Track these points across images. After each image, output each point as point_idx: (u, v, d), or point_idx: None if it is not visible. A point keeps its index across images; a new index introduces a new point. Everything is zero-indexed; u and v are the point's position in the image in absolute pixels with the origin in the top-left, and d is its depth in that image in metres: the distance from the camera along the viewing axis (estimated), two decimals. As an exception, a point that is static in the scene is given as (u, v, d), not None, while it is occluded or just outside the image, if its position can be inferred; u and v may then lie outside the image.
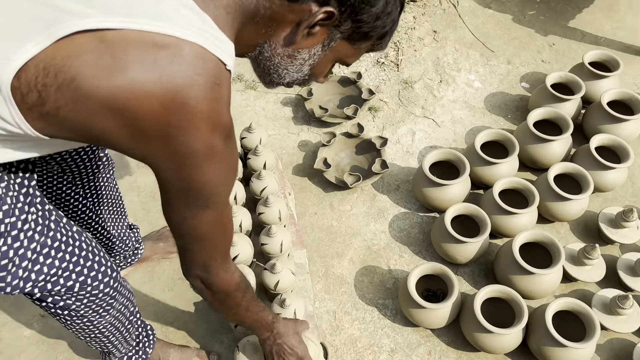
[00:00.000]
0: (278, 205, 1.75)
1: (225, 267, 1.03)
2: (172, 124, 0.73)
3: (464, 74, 2.40)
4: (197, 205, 0.87)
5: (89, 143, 0.94)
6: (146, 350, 1.50)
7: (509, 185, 1.82)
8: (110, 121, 0.72)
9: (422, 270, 1.65)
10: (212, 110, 0.76)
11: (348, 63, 0.98)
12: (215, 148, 0.79)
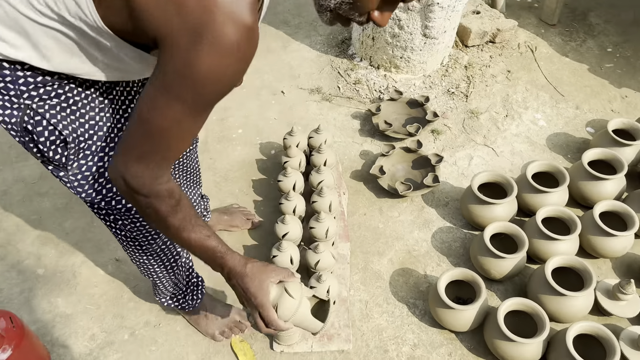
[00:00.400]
0: (330, 197, 1.92)
1: (155, 173, 0.99)
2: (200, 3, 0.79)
3: (531, 112, 2.49)
4: (177, 96, 0.87)
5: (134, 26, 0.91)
6: (194, 297, 1.69)
7: (553, 213, 1.88)
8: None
9: (453, 274, 1.74)
10: (234, 5, 0.80)
11: None
12: (230, 41, 0.81)
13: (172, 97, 0.87)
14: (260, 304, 1.13)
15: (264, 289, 1.13)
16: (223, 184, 2.23)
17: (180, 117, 0.90)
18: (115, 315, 1.82)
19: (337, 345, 1.73)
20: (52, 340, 1.75)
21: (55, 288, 1.90)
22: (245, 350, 1.72)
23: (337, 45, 2.89)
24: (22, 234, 2.06)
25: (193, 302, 1.70)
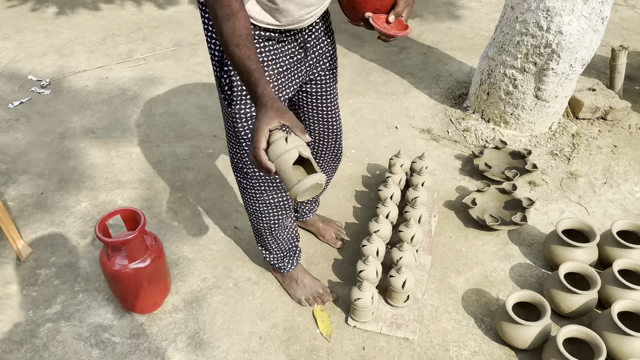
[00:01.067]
0: (421, 211, 2.19)
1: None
2: None
3: (630, 184, 2.59)
4: None
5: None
6: (291, 261, 2.02)
7: (630, 266, 1.97)
8: None
9: (523, 295, 1.90)
10: None
11: None
12: None
13: None
14: (257, 129, 1.14)
15: (269, 121, 1.14)
16: (331, 190, 2.57)
17: None
18: (225, 267, 2.18)
19: (404, 334, 1.93)
20: (174, 274, 2.15)
21: (183, 237, 2.32)
22: (324, 319, 1.98)
23: (454, 98, 3.20)
24: (167, 194, 2.54)
25: (289, 266, 2.02)
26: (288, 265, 2.02)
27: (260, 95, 1.17)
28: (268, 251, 1.99)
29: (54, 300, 2.06)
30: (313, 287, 2.04)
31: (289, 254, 2.01)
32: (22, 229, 2.36)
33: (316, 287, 2.05)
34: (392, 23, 1.38)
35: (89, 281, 2.14)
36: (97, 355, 1.87)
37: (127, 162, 2.75)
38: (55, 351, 1.88)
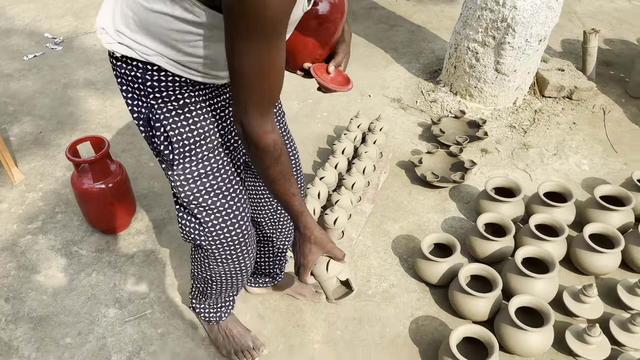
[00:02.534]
0: (366, 163, 2.40)
1: (259, 121, 1.04)
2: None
3: (579, 157, 2.73)
4: (249, 35, 0.91)
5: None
6: (222, 316, 1.79)
7: (546, 221, 2.14)
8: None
9: (438, 236, 2.10)
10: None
11: None
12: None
13: (245, 39, 0.92)
14: (304, 265, 1.26)
15: (313, 258, 1.25)
16: (298, 144, 2.80)
17: (258, 54, 0.94)
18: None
19: (332, 266, 2.16)
20: (143, 204, 2.43)
21: (156, 176, 2.60)
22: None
23: (430, 72, 3.38)
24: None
25: (220, 319, 1.79)
26: (219, 318, 1.79)
27: (303, 230, 1.23)
28: (200, 304, 1.75)
29: (36, 218, 2.37)
30: (242, 341, 1.82)
31: (225, 306, 1.78)
32: (18, 160, 2.68)
33: (246, 341, 1.83)
34: (332, 74, 1.28)
35: (68, 205, 2.44)
36: (65, 263, 2.17)
37: (118, 111, 3.05)
38: (30, 257, 2.19)
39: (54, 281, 2.10)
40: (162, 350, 1.86)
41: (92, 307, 2.00)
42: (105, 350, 1.86)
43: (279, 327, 1.94)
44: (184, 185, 1.27)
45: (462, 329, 1.76)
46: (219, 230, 1.35)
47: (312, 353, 1.86)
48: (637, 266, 2.08)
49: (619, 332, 1.84)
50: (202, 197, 1.29)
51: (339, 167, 2.44)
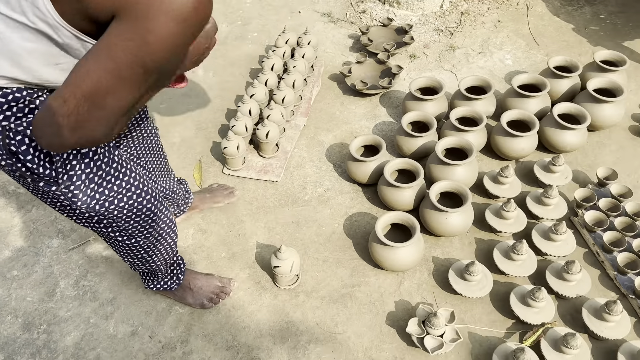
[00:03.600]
0: (296, 77, 2.43)
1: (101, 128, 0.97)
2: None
3: (503, 53, 2.82)
4: (120, 56, 0.85)
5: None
6: (179, 276, 1.74)
7: (467, 113, 2.24)
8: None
9: (366, 138, 2.18)
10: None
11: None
12: (185, 8, 0.83)
13: (114, 56, 0.85)
14: None
15: None
16: (229, 68, 2.81)
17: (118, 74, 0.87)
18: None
19: (270, 177, 2.24)
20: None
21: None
22: (198, 170, 2.29)
23: (359, -16, 3.36)
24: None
25: (178, 280, 1.74)
26: (178, 280, 1.75)
27: None
28: (156, 282, 1.73)
29: None
30: (210, 287, 1.82)
31: (176, 268, 1.74)
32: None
33: (213, 283, 1.83)
34: None
35: (1, 148, 2.42)
36: (3, 202, 2.19)
37: None
38: (-32, 201, 2.20)
39: (-6, 220, 2.13)
40: (109, 270, 1.94)
41: (36, 240, 2.04)
42: (52, 277, 1.92)
43: (221, 237, 2.03)
44: (78, 194, 1.17)
45: (387, 216, 1.88)
46: (131, 209, 1.30)
47: (254, 256, 1.97)
48: (553, 147, 2.22)
49: (533, 205, 2.00)
50: (98, 192, 1.21)
51: (268, 84, 2.47)
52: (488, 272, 1.81)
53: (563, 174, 2.09)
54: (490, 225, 1.95)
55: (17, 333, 1.77)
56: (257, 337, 1.73)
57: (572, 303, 1.78)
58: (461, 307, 1.78)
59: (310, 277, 1.89)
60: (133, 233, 1.37)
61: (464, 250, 1.95)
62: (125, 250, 1.46)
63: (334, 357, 1.67)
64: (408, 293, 1.83)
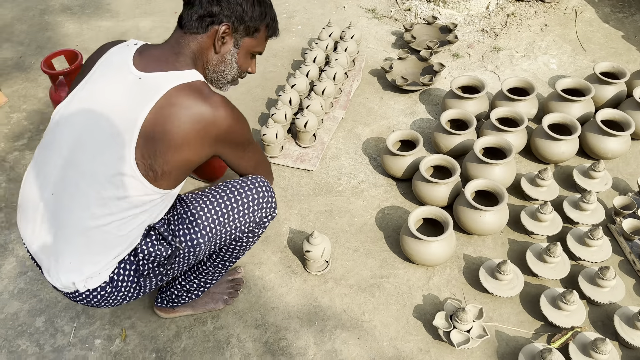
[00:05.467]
0: (337, 70, 2.46)
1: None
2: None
3: (548, 57, 2.78)
4: (245, 147, 1.43)
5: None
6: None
7: (508, 114, 2.23)
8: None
9: (401, 133, 2.19)
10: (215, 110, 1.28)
11: (260, 52, 1.48)
12: (229, 117, 1.31)
13: (248, 146, 1.45)
14: None
15: None
16: (271, 59, 2.86)
17: (256, 146, 1.51)
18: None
19: (306, 166, 2.27)
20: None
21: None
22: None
23: (405, -18, 3.36)
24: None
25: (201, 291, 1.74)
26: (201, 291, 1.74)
27: None
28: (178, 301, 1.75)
29: (22, 136, 2.47)
30: (221, 284, 1.84)
31: None
32: (1, 85, 2.75)
33: (224, 281, 1.85)
34: None
35: (52, 123, 2.53)
36: (52, 174, 2.29)
37: (95, 34, 3.08)
38: (19, 171, 2.31)
39: (42, 191, 2.22)
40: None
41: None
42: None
43: (254, 221, 2.08)
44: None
45: (420, 210, 1.89)
46: None
47: (286, 241, 2.01)
48: (594, 153, 2.19)
49: (570, 210, 1.97)
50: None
51: (310, 75, 2.51)
52: (519, 273, 1.80)
53: (603, 180, 2.06)
54: (525, 227, 1.93)
55: (59, 297, 1.86)
56: (285, 318, 1.77)
57: (603, 310, 1.75)
58: (490, 306, 1.78)
59: (340, 265, 1.92)
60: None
61: (496, 250, 1.95)
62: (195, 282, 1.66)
63: (360, 344, 1.69)
64: (437, 288, 1.84)
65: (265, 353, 1.68)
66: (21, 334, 1.76)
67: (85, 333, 1.76)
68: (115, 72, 1.29)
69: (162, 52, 1.32)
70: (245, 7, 1.34)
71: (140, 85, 1.24)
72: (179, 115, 1.22)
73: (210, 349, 1.70)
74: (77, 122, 1.28)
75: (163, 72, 1.26)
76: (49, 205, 1.30)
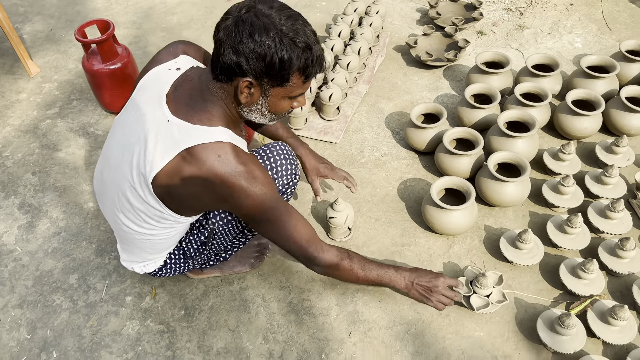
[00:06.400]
0: (361, 44, 2.49)
1: (320, 248, 1.46)
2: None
3: (573, 36, 2.77)
4: (266, 221, 1.35)
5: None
6: None
7: (532, 89, 2.24)
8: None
9: (426, 106, 2.22)
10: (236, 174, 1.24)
11: (296, 96, 1.29)
12: (243, 189, 1.26)
13: (264, 224, 1.38)
14: (438, 278, 1.66)
15: (434, 272, 1.68)
16: (296, 34, 2.89)
17: (277, 224, 1.38)
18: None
19: (329, 138, 2.31)
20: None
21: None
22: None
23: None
24: (153, 34, 2.92)
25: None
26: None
27: (397, 287, 1.66)
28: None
29: (53, 105, 2.55)
30: (249, 248, 1.89)
31: None
32: (33, 56, 2.83)
33: (250, 247, 1.90)
34: None
35: (82, 93, 2.60)
36: (83, 142, 2.37)
37: (123, 7, 3.14)
38: (51, 138, 2.39)
39: (74, 157, 2.30)
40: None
41: (110, 177, 2.20)
42: (124, 211, 2.08)
43: (279, 190, 2.13)
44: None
45: (443, 180, 1.93)
46: None
47: (309, 209, 2.05)
48: (617, 130, 2.19)
49: (592, 184, 1.99)
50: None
51: (335, 49, 2.53)
52: (540, 242, 1.82)
53: (625, 156, 2.07)
54: (547, 200, 1.96)
55: (91, 257, 1.94)
56: (309, 281, 1.82)
57: (622, 280, 1.77)
58: (509, 274, 1.81)
59: (362, 233, 1.96)
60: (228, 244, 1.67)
61: (517, 221, 1.98)
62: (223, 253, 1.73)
63: (381, 307, 1.74)
64: (457, 257, 1.88)
65: (289, 312, 1.74)
66: (55, 290, 1.84)
67: (117, 290, 1.83)
68: (151, 104, 1.31)
69: (193, 96, 1.28)
70: (268, 60, 1.16)
71: (167, 130, 1.26)
72: (192, 174, 1.24)
73: (237, 307, 1.76)
74: (113, 144, 1.43)
75: (191, 124, 1.25)
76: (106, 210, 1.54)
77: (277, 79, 1.21)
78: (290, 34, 1.16)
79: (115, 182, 1.39)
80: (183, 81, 1.32)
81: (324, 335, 1.68)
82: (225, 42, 1.17)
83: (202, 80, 1.29)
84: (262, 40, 1.14)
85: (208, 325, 1.72)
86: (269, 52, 1.15)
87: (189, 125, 1.25)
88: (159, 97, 1.30)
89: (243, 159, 1.27)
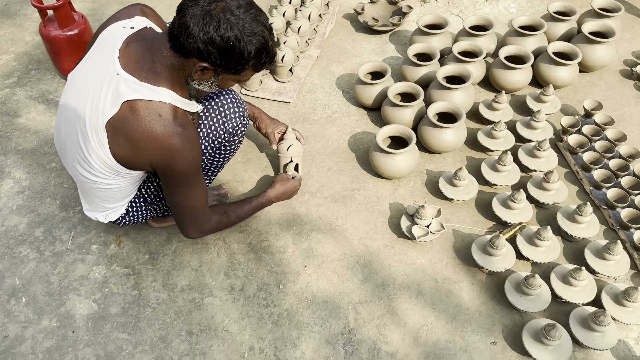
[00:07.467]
0: (311, 10, 2.62)
1: (205, 219, 1.64)
2: None
3: (508, 2, 2.98)
4: (181, 184, 1.48)
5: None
6: None
7: (468, 47, 2.42)
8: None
9: (373, 65, 2.37)
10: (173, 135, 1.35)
11: (243, 81, 1.52)
12: (176, 151, 1.37)
13: (180, 186, 1.49)
14: (295, 186, 1.96)
15: (287, 181, 1.94)
16: (250, 5, 3.00)
17: (186, 192, 1.51)
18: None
19: (284, 98, 2.45)
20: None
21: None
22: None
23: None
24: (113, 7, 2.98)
25: None
26: None
27: (269, 202, 1.89)
28: None
29: (11, 75, 2.59)
30: (210, 194, 2.04)
31: None
32: (-13, 29, 2.85)
33: (209, 196, 2.02)
34: None
35: (40, 63, 2.65)
36: (43, 108, 2.43)
37: (77, -18, 3.18)
38: (11, 106, 2.44)
39: (34, 123, 2.36)
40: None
41: (72, 139, 2.28)
42: (87, 169, 2.16)
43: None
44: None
45: (387, 128, 2.09)
46: None
47: (266, 161, 2.19)
48: (546, 82, 2.40)
49: (522, 129, 2.19)
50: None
51: (286, 15, 2.66)
52: (474, 180, 2.01)
53: (552, 104, 2.28)
54: (481, 144, 2.14)
55: (56, 212, 2.02)
56: (266, 224, 1.96)
57: (549, 211, 1.98)
58: (448, 210, 1.99)
59: (316, 181, 2.11)
60: None
61: (455, 165, 2.16)
62: None
63: (333, 243, 1.89)
64: (402, 197, 2.05)
65: (249, 252, 1.87)
66: (22, 243, 1.92)
67: (82, 240, 1.92)
68: (103, 58, 1.39)
69: (144, 54, 1.35)
70: (228, 56, 1.29)
71: (115, 83, 1.34)
72: (133, 125, 1.34)
73: (199, 250, 1.88)
74: (69, 98, 1.48)
75: (138, 80, 1.33)
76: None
77: (232, 70, 1.34)
78: (251, 35, 1.27)
79: (71, 134, 1.47)
80: (135, 39, 1.39)
81: (282, 269, 1.82)
82: (191, 28, 1.25)
83: (155, 42, 1.35)
84: (227, 37, 1.25)
85: (172, 266, 1.84)
86: (230, 48, 1.26)
87: (135, 80, 1.33)
88: (112, 52, 1.37)
89: (182, 121, 1.38)
